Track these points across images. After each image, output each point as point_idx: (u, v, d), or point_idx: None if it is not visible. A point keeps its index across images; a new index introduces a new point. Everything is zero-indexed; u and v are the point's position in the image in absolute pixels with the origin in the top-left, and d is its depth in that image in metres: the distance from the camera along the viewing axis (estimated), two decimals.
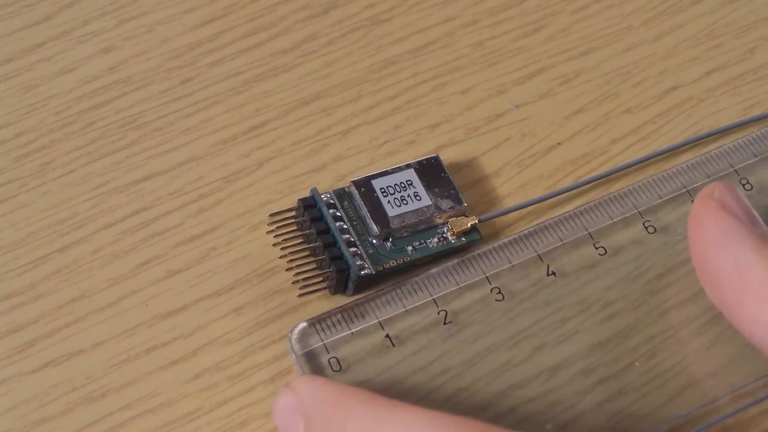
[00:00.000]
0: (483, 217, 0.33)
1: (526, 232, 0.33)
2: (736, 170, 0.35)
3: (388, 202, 0.32)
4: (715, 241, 0.29)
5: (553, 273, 0.32)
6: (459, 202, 0.33)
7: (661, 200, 0.34)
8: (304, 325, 0.31)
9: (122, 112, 0.35)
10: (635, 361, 0.31)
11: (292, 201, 0.34)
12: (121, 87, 0.36)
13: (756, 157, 0.35)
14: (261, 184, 0.34)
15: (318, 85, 0.36)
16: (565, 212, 0.34)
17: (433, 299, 0.32)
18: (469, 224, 0.33)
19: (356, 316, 0.31)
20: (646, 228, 0.33)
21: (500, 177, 0.35)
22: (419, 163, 0.33)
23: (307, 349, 0.31)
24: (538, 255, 0.33)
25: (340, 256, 0.31)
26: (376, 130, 0.36)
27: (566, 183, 0.35)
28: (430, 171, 0.33)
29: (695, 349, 0.32)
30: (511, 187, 0.35)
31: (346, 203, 0.32)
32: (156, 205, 0.34)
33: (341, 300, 0.32)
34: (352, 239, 0.32)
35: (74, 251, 0.33)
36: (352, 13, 0.38)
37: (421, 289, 0.32)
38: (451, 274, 0.32)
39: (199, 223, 0.33)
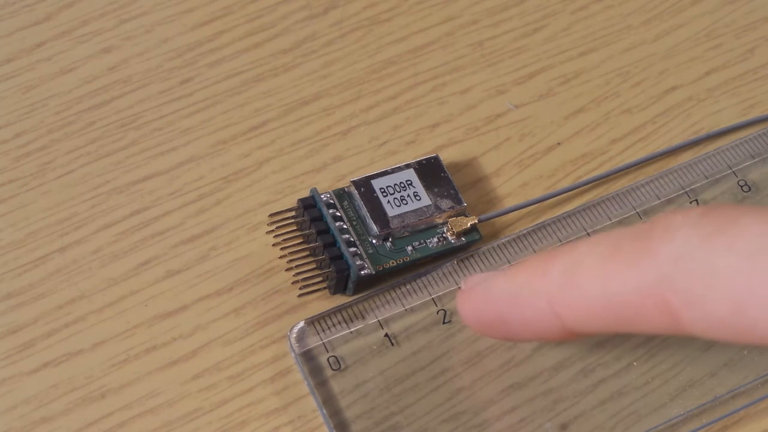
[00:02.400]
0: (483, 217, 0.33)
1: (525, 232, 0.33)
2: (734, 171, 0.35)
3: (388, 202, 0.32)
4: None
5: None
6: (459, 202, 0.33)
7: (659, 201, 0.34)
8: (302, 324, 0.31)
9: (122, 112, 0.35)
10: (635, 361, 0.31)
11: (292, 201, 0.34)
12: (120, 87, 0.36)
13: (754, 158, 0.35)
14: (261, 184, 0.34)
15: (318, 85, 0.36)
16: (565, 212, 0.34)
17: (433, 299, 0.32)
18: (468, 224, 0.33)
19: (356, 316, 0.31)
20: None
21: (500, 177, 0.35)
22: (419, 163, 0.33)
23: (306, 348, 0.31)
24: None
25: (340, 256, 0.31)
26: (376, 130, 0.36)
27: (566, 183, 0.35)
28: (430, 171, 0.33)
29: (695, 349, 0.32)
30: (511, 187, 0.35)
31: (345, 203, 0.32)
32: (156, 205, 0.34)
33: (341, 300, 0.32)
34: (352, 239, 0.32)
35: (74, 251, 0.33)
36: (352, 13, 0.38)
37: (420, 289, 0.32)
38: (451, 274, 0.32)
39: (199, 223, 0.33)
